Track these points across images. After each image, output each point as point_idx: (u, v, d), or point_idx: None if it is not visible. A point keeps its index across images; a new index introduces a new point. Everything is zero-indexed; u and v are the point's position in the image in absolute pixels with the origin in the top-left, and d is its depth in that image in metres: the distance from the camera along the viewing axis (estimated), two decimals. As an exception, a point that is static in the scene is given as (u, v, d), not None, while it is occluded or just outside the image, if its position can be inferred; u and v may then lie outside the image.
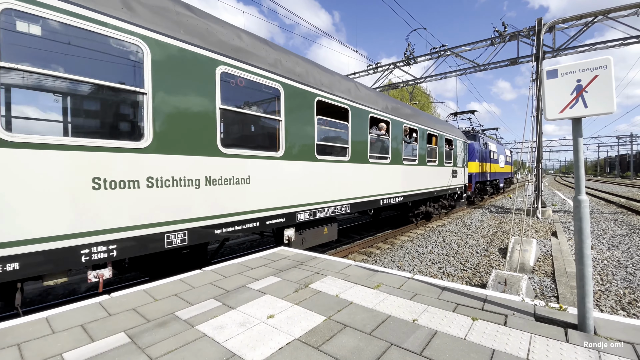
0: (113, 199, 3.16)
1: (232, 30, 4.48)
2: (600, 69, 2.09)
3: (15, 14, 2.66)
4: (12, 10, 2.64)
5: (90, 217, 3.01)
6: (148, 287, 3.15)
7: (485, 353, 1.94)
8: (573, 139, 2.24)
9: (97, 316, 2.51)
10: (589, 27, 12.02)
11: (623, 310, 4.55)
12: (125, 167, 3.24)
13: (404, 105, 9.24)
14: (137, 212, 3.34)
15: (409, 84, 19.33)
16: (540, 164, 13.15)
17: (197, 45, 3.85)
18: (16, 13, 2.67)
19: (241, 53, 4.40)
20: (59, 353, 1.99)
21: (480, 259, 7.16)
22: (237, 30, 4.59)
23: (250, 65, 4.49)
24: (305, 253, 4.49)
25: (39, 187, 2.75)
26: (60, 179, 2.85)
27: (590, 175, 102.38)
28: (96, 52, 3.22)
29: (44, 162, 2.77)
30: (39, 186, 2.75)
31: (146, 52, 3.37)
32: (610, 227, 10.40)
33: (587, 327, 2.15)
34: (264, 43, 4.98)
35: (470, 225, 11.26)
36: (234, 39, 4.39)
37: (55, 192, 2.83)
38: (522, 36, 13.68)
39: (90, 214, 3.01)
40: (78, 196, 2.94)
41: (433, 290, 2.98)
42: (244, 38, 4.58)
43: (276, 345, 2.05)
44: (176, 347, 2.04)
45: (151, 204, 3.43)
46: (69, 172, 2.89)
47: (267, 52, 4.89)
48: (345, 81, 6.64)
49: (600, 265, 6.47)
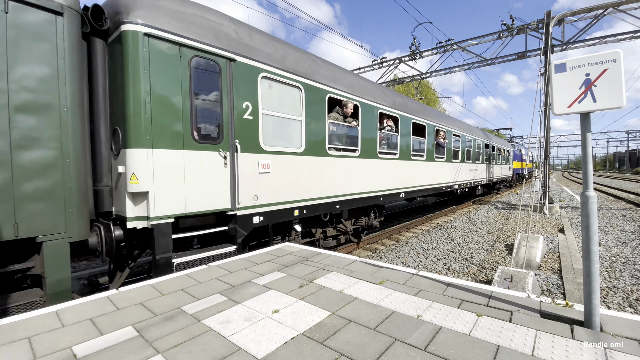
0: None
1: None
2: (610, 62, 2.05)
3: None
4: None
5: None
6: (155, 282, 3.20)
7: (490, 349, 1.93)
8: (581, 134, 2.21)
9: (106, 310, 2.56)
10: (599, 20, 11.77)
11: (630, 307, 4.50)
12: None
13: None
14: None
15: (414, 79, 19.15)
16: (547, 160, 12.99)
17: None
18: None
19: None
20: (68, 346, 2.03)
21: (486, 256, 7.12)
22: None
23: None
24: (310, 249, 4.50)
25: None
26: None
27: (599, 170, 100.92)
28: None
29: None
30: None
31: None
32: (619, 224, 10.26)
33: (594, 323, 2.13)
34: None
35: (476, 222, 11.19)
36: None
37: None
38: (530, 29, 13.44)
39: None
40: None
41: (438, 287, 2.98)
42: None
43: (281, 340, 2.07)
44: (183, 341, 2.07)
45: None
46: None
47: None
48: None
49: (608, 262, 6.40)
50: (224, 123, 4.18)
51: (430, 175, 10.13)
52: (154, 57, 3.55)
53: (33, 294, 3.15)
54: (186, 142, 3.83)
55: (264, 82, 4.69)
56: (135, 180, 3.47)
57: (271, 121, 4.84)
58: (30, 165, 2.93)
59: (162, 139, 3.62)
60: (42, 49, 3.00)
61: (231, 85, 4.25)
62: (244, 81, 4.41)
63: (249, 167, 4.50)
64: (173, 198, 3.72)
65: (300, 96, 5.32)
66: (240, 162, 4.37)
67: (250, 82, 4.50)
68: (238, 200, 4.35)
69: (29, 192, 2.92)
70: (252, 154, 4.55)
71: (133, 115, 3.43)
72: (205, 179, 4.02)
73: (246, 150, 4.46)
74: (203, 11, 4.17)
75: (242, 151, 4.39)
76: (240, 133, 4.37)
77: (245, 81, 4.44)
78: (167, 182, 3.66)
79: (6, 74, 2.79)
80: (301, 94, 5.32)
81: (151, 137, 3.53)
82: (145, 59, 3.48)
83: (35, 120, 2.94)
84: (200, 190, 3.96)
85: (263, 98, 4.67)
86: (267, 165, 4.75)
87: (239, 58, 4.36)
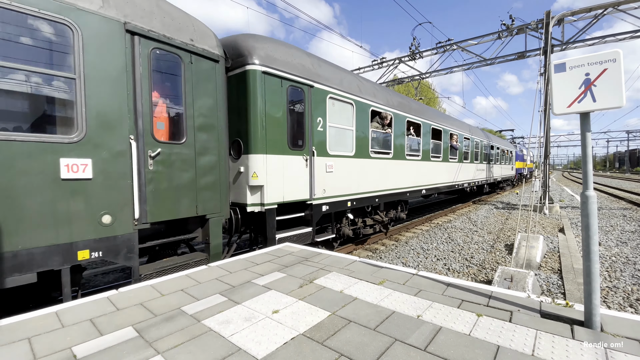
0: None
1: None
2: (609, 62, 2.05)
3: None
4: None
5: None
6: (154, 283, 3.19)
7: (490, 349, 1.93)
8: (581, 133, 2.21)
9: (106, 310, 2.56)
10: (599, 20, 11.78)
11: (631, 307, 4.50)
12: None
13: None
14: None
15: (414, 79, 19.16)
16: (547, 160, 12.99)
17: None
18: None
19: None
20: (68, 347, 2.03)
21: (486, 256, 7.12)
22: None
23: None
24: (310, 249, 4.51)
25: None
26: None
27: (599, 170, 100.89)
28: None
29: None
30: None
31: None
32: (619, 224, 10.26)
33: (594, 323, 2.13)
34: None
35: (476, 222, 11.19)
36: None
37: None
38: (530, 29, 13.44)
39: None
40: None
41: (438, 287, 2.98)
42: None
43: (281, 340, 2.07)
44: (183, 342, 2.07)
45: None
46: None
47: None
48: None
49: (608, 262, 6.40)
50: (306, 134, 5.54)
51: (445, 174, 11.54)
52: (267, 88, 4.89)
53: (199, 255, 4.35)
54: (285, 149, 5.21)
55: (329, 101, 6.03)
56: (256, 177, 4.83)
57: (334, 131, 6.20)
58: (204, 166, 4.13)
59: (272, 147, 4.98)
60: (209, 86, 4.21)
61: (310, 105, 5.59)
62: (318, 102, 5.76)
63: (320, 168, 5.86)
64: (277, 190, 5.08)
65: (352, 110, 6.67)
66: (315, 164, 5.73)
67: (321, 102, 5.85)
68: (314, 193, 5.70)
69: (203, 184, 4.12)
70: (322, 157, 5.91)
71: (254, 130, 4.77)
72: (295, 176, 5.38)
73: (319, 154, 5.82)
74: (292, 51, 5.55)
75: (316, 155, 5.75)
76: (315, 141, 5.73)
77: (319, 101, 5.79)
78: (274, 178, 5.02)
79: (192, 105, 3.98)
80: (353, 109, 6.67)
81: (265, 146, 4.88)
82: (262, 90, 4.81)
83: (206, 136, 4.16)
84: (291, 185, 5.32)
85: (329, 114, 6.03)
86: (331, 166, 6.12)
87: (315, 84, 5.69)
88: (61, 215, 2.92)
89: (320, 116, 5.78)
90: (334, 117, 6.12)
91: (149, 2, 3.63)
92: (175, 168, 3.80)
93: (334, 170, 6.17)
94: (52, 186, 2.86)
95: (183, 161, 3.89)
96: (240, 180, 4.95)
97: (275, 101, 4.98)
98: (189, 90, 3.96)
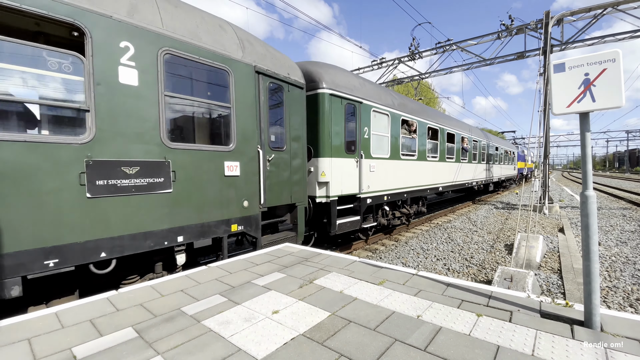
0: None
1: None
2: (609, 62, 2.05)
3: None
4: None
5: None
6: (154, 283, 3.19)
7: (490, 349, 1.93)
8: (580, 133, 2.21)
9: (105, 311, 2.55)
10: (598, 20, 11.79)
11: (631, 307, 4.50)
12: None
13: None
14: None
15: (414, 79, 19.16)
16: (547, 160, 12.99)
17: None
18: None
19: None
20: (68, 347, 2.03)
21: (485, 256, 7.12)
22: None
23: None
24: (310, 249, 4.50)
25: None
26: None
27: (598, 170, 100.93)
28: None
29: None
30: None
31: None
32: (619, 223, 10.27)
33: (594, 323, 2.13)
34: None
35: (475, 222, 11.19)
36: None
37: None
38: (529, 29, 13.45)
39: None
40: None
41: (438, 287, 2.98)
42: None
43: (281, 341, 2.07)
44: (182, 342, 2.07)
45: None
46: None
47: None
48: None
49: (608, 262, 6.40)
50: (357, 141, 6.91)
51: (458, 174, 13.08)
52: (332, 106, 6.28)
53: (290, 233, 5.55)
54: (343, 153, 6.55)
55: (372, 114, 7.40)
56: (324, 175, 6.18)
57: (376, 138, 7.53)
58: (295, 167, 5.47)
59: (335, 152, 6.35)
60: (299, 107, 5.54)
61: (360, 118, 6.98)
62: (365, 114, 7.15)
63: (366, 167, 7.16)
64: (338, 185, 6.41)
65: (388, 120, 8.01)
66: (362, 164, 7.05)
67: (367, 115, 7.24)
68: (361, 188, 7.01)
69: (294, 180, 5.46)
70: (367, 159, 7.23)
71: (323, 139, 6.14)
72: (349, 174, 6.72)
73: (365, 157, 7.14)
74: (347, 75, 7.00)
75: (364, 158, 7.07)
76: (363, 146, 7.07)
77: (366, 114, 7.18)
78: (336, 176, 6.36)
79: (289, 122, 5.32)
80: (388, 119, 8.01)
81: (330, 151, 6.24)
82: (329, 108, 6.21)
83: (297, 145, 5.50)
84: (347, 181, 6.66)
85: (372, 124, 7.39)
86: (373, 166, 7.43)
87: (363, 101, 7.09)
88: (224, 200, 4.23)
89: (366, 126, 7.17)
90: (375, 127, 7.48)
91: (263, 47, 4.97)
92: (280, 168, 5.17)
93: (375, 169, 7.49)
94: (220, 180, 4.17)
95: (284, 163, 5.26)
96: (310, 178, 6.24)
97: (337, 116, 6.37)
98: (287, 111, 5.30)
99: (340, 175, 6.41)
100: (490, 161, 18.33)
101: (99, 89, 3.05)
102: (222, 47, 4.19)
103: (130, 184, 3.27)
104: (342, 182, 6.47)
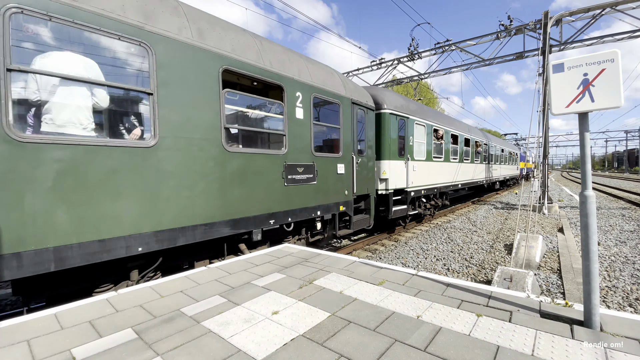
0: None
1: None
2: (608, 62, 2.06)
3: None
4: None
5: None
6: (154, 284, 3.19)
7: (490, 349, 1.93)
8: (580, 133, 2.21)
9: (105, 312, 2.55)
10: (597, 20, 11.81)
11: (630, 306, 4.51)
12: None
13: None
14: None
15: (413, 79, 19.18)
16: (546, 160, 13.00)
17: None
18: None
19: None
20: (67, 349, 2.03)
21: (485, 256, 7.13)
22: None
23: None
24: (310, 250, 4.50)
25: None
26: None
27: (597, 170, 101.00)
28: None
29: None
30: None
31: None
32: (618, 223, 10.28)
33: (593, 323, 2.13)
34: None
35: (475, 222, 11.20)
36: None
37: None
38: (528, 30, 13.46)
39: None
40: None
41: (437, 287, 2.98)
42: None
43: (281, 341, 2.07)
44: (182, 343, 2.06)
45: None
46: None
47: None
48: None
49: (607, 262, 6.40)
50: (405, 147, 9.00)
51: (473, 173, 15.55)
52: (392, 122, 8.44)
53: (365, 216, 7.41)
54: (396, 157, 8.63)
55: (415, 126, 9.59)
56: (385, 173, 8.18)
57: (416, 144, 9.64)
58: (369, 167, 7.51)
59: (392, 155, 8.41)
60: (372, 124, 7.64)
61: (407, 129, 9.13)
62: (410, 127, 9.31)
63: (410, 167, 9.19)
64: (393, 181, 8.42)
65: (424, 130, 10.22)
66: (408, 165, 9.09)
67: (412, 126, 9.38)
68: (407, 183, 9.05)
69: (369, 177, 7.49)
70: (411, 161, 9.28)
71: (384, 146, 8.21)
72: (400, 173, 8.76)
73: (410, 159, 9.21)
74: (399, 97, 9.17)
75: (409, 160, 9.12)
76: (409, 151, 9.16)
77: (411, 127, 9.34)
78: (392, 174, 8.38)
79: (366, 135, 7.36)
80: (424, 129, 10.22)
81: (389, 155, 8.31)
82: (389, 124, 8.35)
83: (370, 151, 7.58)
84: (398, 178, 8.69)
85: (415, 133, 9.57)
86: (415, 167, 9.50)
87: (410, 116, 9.27)
88: (337, 190, 6.23)
89: (411, 135, 9.31)
90: (416, 135, 9.65)
91: (353, 84, 7.15)
92: (362, 168, 7.13)
93: (416, 169, 9.55)
94: (335, 176, 6.19)
95: (364, 164, 7.25)
96: (374, 175, 8.08)
97: (394, 129, 8.51)
98: (366, 127, 7.32)
99: (395, 174, 8.44)
100: (497, 162, 21.02)
101: (288, 122, 5.07)
102: (336, 89, 6.27)
103: (301, 178, 5.34)
104: (396, 178, 8.48)
